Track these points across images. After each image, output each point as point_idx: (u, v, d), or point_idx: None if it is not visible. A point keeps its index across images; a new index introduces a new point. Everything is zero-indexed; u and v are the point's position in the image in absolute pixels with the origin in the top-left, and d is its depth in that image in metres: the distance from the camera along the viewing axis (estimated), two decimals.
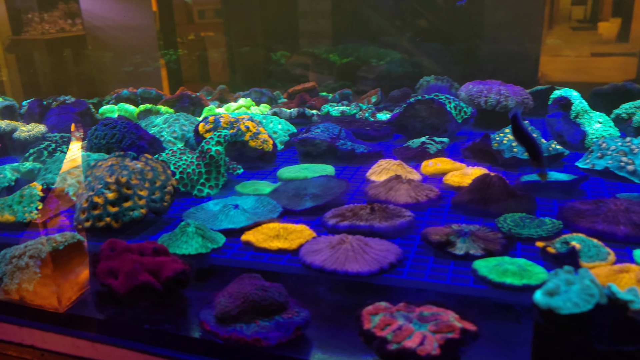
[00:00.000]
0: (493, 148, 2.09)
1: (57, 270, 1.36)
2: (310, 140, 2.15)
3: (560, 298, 0.90)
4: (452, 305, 1.13)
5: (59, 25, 4.33)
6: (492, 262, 1.27)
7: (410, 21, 3.76)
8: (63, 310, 1.31)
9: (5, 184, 1.83)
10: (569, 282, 0.92)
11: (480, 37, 3.46)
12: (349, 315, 1.22)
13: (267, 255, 1.42)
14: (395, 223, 1.49)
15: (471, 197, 1.65)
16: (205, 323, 1.18)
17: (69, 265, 1.39)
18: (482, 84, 2.73)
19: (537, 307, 0.93)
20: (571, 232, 1.42)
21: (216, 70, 4.52)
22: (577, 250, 1.28)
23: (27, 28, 4.33)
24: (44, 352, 1.35)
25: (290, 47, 4.16)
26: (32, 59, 4.50)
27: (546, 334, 0.94)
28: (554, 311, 0.90)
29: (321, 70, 4.12)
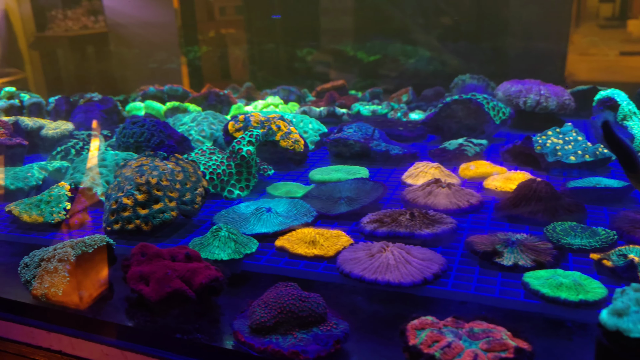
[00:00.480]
0: (535, 151, 2.01)
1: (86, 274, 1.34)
2: (343, 141, 2.10)
3: (630, 319, 0.84)
4: (502, 321, 1.08)
5: (82, 22, 4.39)
6: (544, 275, 1.21)
7: (434, 18, 3.68)
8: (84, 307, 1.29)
9: (33, 182, 1.82)
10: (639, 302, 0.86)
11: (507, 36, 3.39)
12: (390, 327, 1.17)
13: (303, 263, 1.37)
14: (437, 230, 1.44)
15: (516, 203, 1.58)
16: (240, 333, 1.14)
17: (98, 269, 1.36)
18: (521, 84, 2.65)
19: (603, 327, 0.87)
20: (627, 244, 1.35)
21: (237, 67, 4.51)
22: (635, 263, 1.21)
23: (51, 25, 4.39)
24: (72, 358, 1.33)
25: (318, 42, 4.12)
26: (55, 56, 4.55)
27: (613, 357, 0.88)
28: (622, 334, 0.84)
29: (348, 67, 4.07)
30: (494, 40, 3.42)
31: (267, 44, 4.35)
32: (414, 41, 3.75)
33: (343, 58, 4.08)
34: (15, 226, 1.65)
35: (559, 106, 2.55)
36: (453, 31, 3.58)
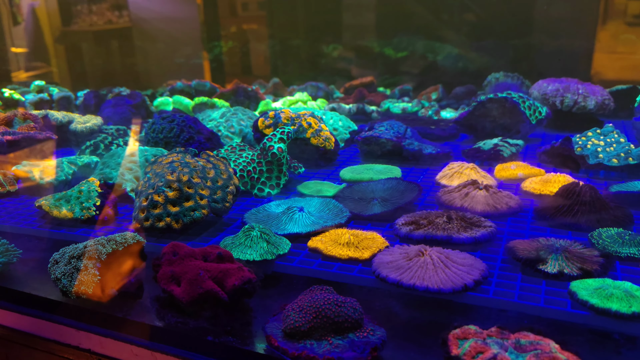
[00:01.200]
0: (575, 153, 1.95)
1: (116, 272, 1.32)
2: (375, 139, 2.06)
3: None
4: (548, 332, 1.03)
5: (107, 17, 4.42)
6: (593, 284, 1.15)
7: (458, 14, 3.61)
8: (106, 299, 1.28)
9: (63, 177, 1.81)
10: None
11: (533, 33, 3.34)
12: (428, 335, 1.13)
13: (337, 265, 1.34)
14: (476, 234, 1.39)
15: (558, 207, 1.52)
16: (273, 338, 1.11)
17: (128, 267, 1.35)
18: (558, 82, 2.57)
19: None
20: None
21: (259, 63, 4.52)
22: None
23: (76, 20, 4.45)
24: (101, 357, 1.32)
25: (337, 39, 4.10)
26: (80, 50, 4.62)
27: None
28: None
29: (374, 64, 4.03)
30: (520, 38, 3.36)
31: (292, 40, 4.33)
32: (441, 38, 3.70)
33: (369, 54, 4.03)
34: (45, 221, 1.64)
35: (597, 106, 2.47)
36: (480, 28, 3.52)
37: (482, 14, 3.50)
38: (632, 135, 2.31)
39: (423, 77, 3.74)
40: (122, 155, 1.78)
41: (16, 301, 1.42)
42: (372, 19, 4.00)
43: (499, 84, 2.84)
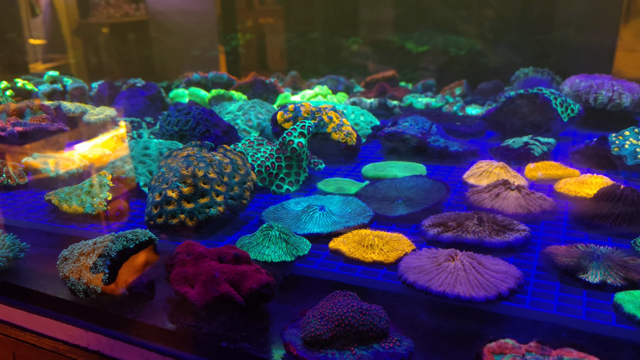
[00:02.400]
0: (612, 153, 1.85)
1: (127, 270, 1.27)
2: (399, 135, 1.98)
3: None
4: (591, 348, 0.95)
5: (124, 9, 4.42)
6: (637, 295, 1.07)
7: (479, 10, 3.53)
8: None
9: (74, 170, 1.77)
10: None
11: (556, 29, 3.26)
12: (459, 347, 1.06)
13: (360, 268, 1.27)
14: (510, 238, 1.31)
15: (597, 211, 1.44)
16: (292, 346, 1.05)
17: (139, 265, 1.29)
18: (591, 78, 2.47)
19: None
20: None
21: (274, 57, 4.49)
22: None
23: (94, 12, 4.45)
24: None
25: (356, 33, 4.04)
26: (97, 42, 4.64)
27: None
28: None
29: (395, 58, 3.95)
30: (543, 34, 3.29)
31: (309, 34, 4.28)
32: (463, 33, 3.62)
33: (389, 49, 3.96)
34: (54, 216, 1.60)
35: (634, 104, 2.37)
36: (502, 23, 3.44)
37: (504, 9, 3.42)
38: None
39: (444, 72, 3.67)
40: (135, 148, 1.72)
41: (24, 299, 1.38)
42: (390, 13, 3.96)
43: (528, 80, 2.74)
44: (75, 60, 4.53)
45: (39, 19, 4.17)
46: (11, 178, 1.72)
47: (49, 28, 4.29)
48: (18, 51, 4.12)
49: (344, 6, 4.10)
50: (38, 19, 4.17)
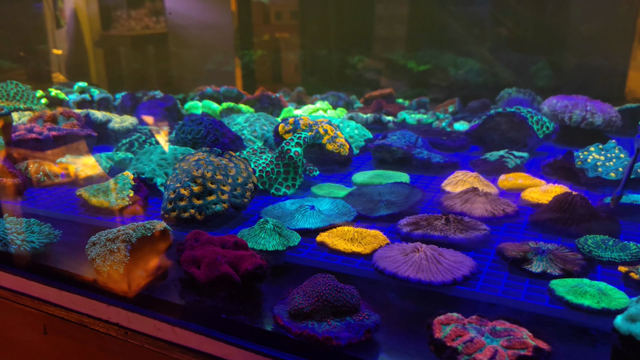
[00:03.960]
0: (576, 166, 2.03)
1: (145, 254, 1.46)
2: (386, 147, 2.17)
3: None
4: (525, 323, 1.13)
5: (144, 22, 4.50)
6: (570, 282, 1.25)
7: (490, 29, 3.65)
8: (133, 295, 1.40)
9: (101, 170, 1.97)
10: None
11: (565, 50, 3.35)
12: (419, 322, 1.24)
13: (341, 258, 1.46)
14: (471, 235, 1.49)
15: (551, 215, 1.62)
16: (279, 318, 1.23)
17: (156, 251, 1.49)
18: (567, 99, 2.65)
19: (617, 332, 0.92)
20: None
21: (289, 71, 4.58)
22: None
23: (115, 24, 4.54)
24: (128, 331, 1.44)
25: (364, 51, 4.15)
26: (118, 54, 4.73)
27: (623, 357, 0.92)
28: (635, 338, 0.88)
29: (397, 76, 4.11)
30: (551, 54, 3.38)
31: (320, 50, 4.41)
32: (466, 52, 3.74)
33: (393, 66, 4.12)
34: (84, 209, 1.80)
35: (605, 123, 2.54)
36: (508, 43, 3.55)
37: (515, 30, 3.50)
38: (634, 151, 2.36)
39: (443, 90, 3.81)
40: (154, 152, 1.93)
41: (56, 278, 1.55)
42: (397, 32, 4.04)
43: (511, 99, 2.93)
44: (97, 70, 4.61)
45: (63, 30, 4.30)
46: (47, 176, 1.93)
47: (72, 39, 4.40)
48: (43, 61, 4.26)
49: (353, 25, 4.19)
50: (62, 30, 4.30)
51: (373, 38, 4.12)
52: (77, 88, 3.02)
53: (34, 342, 1.63)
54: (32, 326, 1.60)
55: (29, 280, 1.57)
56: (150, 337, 1.39)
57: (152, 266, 1.46)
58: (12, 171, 1.83)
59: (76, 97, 2.87)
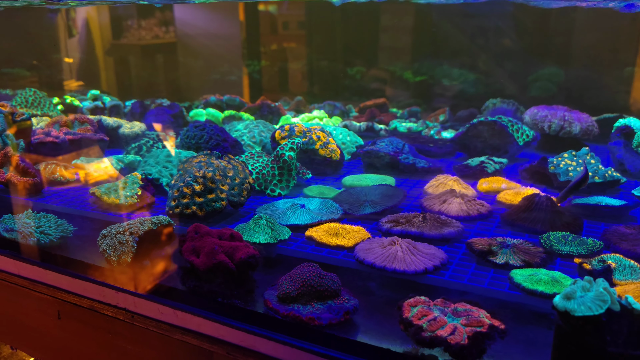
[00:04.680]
0: (549, 171, 2.16)
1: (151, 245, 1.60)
2: (374, 152, 2.30)
3: (575, 302, 1.01)
4: (485, 306, 1.25)
5: (154, 32, 4.53)
6: (528, 272, 1.37)
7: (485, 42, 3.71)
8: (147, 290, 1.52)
9: (112, 171, 2.11)
10: (585, 289, 1.03)
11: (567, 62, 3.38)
12: (393, 307, 1.35)
13: (327, 250, 1.59)
14: (444, 231, 1.62)
15: (519, 214, 1.75)
16: (269, 301, 1.36)
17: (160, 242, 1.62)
18: (547, 109, 2.78)
19: (556, 309, 1.04)
20: (611, 253, 1.49)
21: (295, 81, 4.62)
22: (612, 268, 1.36)
23: (126, 34, 4.56)
24: (134, 315, 1.57)
25: (368, 62, 4.20)
26: (127, 63, 4.75)
27: (563, 334, 1.05)
28: (569, 313, 1.01)
29: (395, 87, 4.23)
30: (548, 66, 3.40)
31: (321, 61, 4.49)
32: (461, 64, 3.81)
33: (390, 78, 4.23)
34: (96, 206, 1.94)
35: (582, 131, 2.66)
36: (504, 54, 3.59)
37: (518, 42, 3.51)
38: (607, 157, 2.49)
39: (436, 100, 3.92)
40: (160, 155, 2.07)
41: (69, 267, 1.66)
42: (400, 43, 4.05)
43: (496, 109, 3.06)
44: (107, 78, 4.63)
45: (75, 39, 4.34)
46: (63, 176, 2.07)
47: (84, 48, 4.44)
48: (56, 69, 4.32)
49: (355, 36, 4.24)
50: (74, 39, 4.34)
51: (373, 49, 4.17)
52: (90, 96, 3.17)
53: (49, 327, 1.72)
54: (46, 312, 1.69)
55: (45, 269, 1.67)
56: (154, 320, 1.48)
57: (156, 256, 1.60)
58: (31, 171, 1.98)
59: (89, 104, 3.02)
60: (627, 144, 2.40)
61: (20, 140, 2.13)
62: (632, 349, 1.01)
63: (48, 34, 4.27)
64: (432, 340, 1.14)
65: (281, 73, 4.62)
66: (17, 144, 2.10)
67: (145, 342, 1.52)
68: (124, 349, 1.58)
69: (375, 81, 4.26)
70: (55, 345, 1.75)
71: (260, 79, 4.53)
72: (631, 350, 1.01)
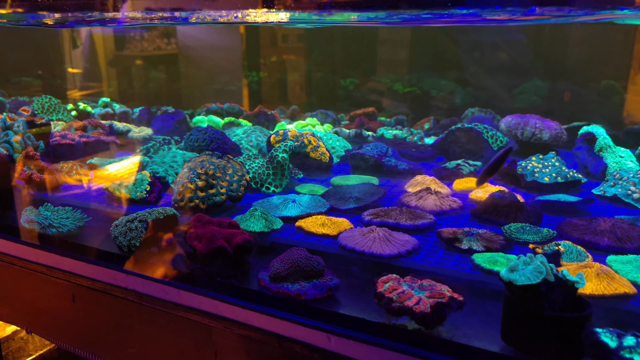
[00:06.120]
0: (518, 172, 2.32)
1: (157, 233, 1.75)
2: (360, 155, 2.47)
3: (517, 273, 1.17)
4: (448, 283, 1.41)
5: (156, 44, 4.57)
6: (487, 255, 1.53)
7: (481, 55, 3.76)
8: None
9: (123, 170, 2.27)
10: (526, 263, 1.19)
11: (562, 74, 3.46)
12: (368, 284, 1.50)
13: (314, 238, 1.74)
14: (418, 222, 1.78)
15: (486, 208, 1.91)
16: (262, 280, 1.51)
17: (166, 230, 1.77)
18: (520, 117, 2.94)
19: (502, 280, 1.20)
20: (562, 240, 1.65)
21: (294, 92, 4.69)
22: (560, 252, 1.52)
23: (129, 45, 4.60)
24: (142, 295, 1.70)
25: (364, 74, 4.29)
26: (130, 73, 4.78)
27: (508, 301, 1.21)
28: (512, 283, 1.17)
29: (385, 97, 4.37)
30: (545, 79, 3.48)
31: (318, 73, 4.53)
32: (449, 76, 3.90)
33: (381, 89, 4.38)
34: (109, 200, 2.10)
35: (552, 138, 2.82)
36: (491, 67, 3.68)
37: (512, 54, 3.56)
38: (572, 160, 2.66)
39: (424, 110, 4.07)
40: (167, 156, 2.23)
41: (85, 253, 1.76)
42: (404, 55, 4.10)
43: (474, 117, 3.23)
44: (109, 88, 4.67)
45: (79, 50, 4.41)
46: (79, 174, 2.22)
47: (87, 58, 4.49)
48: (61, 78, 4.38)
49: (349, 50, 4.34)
50: (78, 50, 4.41)
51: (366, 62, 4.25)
52: (101, 103, 3.34)
53: (64, 309, 1.82)
54: (62, 296, 1.79)
55: (62, 256, 1.77)
56: (160, 300, 1.60)
57: (163, 243, 1.75)
58: (50, 169, 2.13)
59: (100, 111, 3.18)
60: (590, 149, 2.57)
61: (40, 142, 2.29)
62: (563, 312, 1.17)
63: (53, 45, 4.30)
64: (400, 309, 1.29)
65: (279, 84, 4.68)
66: (37, 145, 2.26)
67: (152, 320, 1.64)
68: (132, 327, 1.69)
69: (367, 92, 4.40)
70: (69, 326, 1.86)
71: (259, 90, 4.59)
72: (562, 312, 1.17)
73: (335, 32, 4.35)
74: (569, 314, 1.14)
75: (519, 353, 1.19)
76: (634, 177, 2.13)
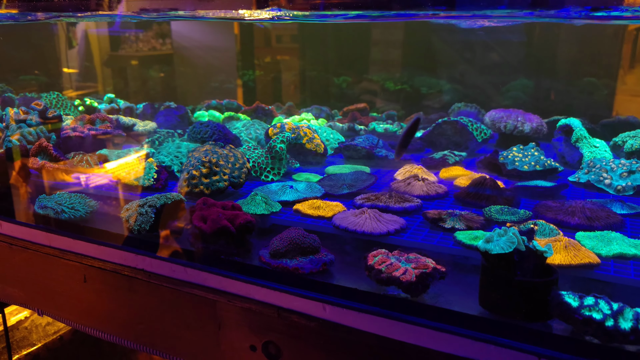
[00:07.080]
0: (499, 161, 2.44)
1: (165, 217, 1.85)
2: (352, 146, 2.58)
3: (492, 244, 1.28)
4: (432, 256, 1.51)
5: (151, 44, 4.56)
6: (468, 233, 1.65)
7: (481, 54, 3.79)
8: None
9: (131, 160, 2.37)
10: (500, 235, 1.30)
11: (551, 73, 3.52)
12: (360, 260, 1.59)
13: (310, 220, 1.85)
14: (405, 205, 1.89)
15: (468, 192, 2.02)
16: (262, 257, 1.62)
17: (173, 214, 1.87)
18: (504, 112, 3.06)
19: (479, 250, 1.31)
20: (537, 220, 1.77)
21: (288, 91, 4.73)
22: (534, 229, 1.63)
23: (124, 45, 4.59)
24: (150, 274, 1.77)
25: (357, 73, 4.36)
26: (125, 73, 4.77)
27: (484, 269, 1.32)
28: (488, 252, 1.28)
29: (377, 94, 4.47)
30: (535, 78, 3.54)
31: (311, 72, 4.61)
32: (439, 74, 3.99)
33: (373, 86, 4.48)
34: (118, 188, 2.19)
35: (532, 130, 2.94)
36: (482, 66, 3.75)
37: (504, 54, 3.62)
38: (551, 150, 2.78)
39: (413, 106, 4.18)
40: (172, 147, 2.34)
41: (95, 236, 1.83)
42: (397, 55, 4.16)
43: (461, 112, 3.34)
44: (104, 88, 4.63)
45: (75, 50, 4.38)
46: (89, 164, 2.32)
47: (83, 59, 4.45)
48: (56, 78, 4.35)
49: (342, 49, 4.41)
50: (74, 51, 4.38)
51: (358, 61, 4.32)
52: (107, 99, 3.43)
53: (75, 290, 1.88)
54: (73, 277, 1.85)
55: (74, 239, 1.85)
56: (167, 277, 1.68)
57: (170, 225, 1.85)
58: (62, 159, 2.23)
59: (106, 106, 3.28)
60: (567, 140, 2.69)
61: (52, 134, 2.39)
62: (532, 277, 1.28)
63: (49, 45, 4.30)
64: (389, 279, 1.40)
65: (274, 83, 4.72)
66: (50, 136, 2.36)
67: (160, 296, 1.72)
68: (141, 304, 1.77)
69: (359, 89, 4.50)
70: (80, 306, 1.93)
71: (254, 88, 4.63)
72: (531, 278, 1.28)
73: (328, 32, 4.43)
74: (538, 279, 1.26)
75: (494, 315, 1.31)
76: (606, 165, 2.25)
